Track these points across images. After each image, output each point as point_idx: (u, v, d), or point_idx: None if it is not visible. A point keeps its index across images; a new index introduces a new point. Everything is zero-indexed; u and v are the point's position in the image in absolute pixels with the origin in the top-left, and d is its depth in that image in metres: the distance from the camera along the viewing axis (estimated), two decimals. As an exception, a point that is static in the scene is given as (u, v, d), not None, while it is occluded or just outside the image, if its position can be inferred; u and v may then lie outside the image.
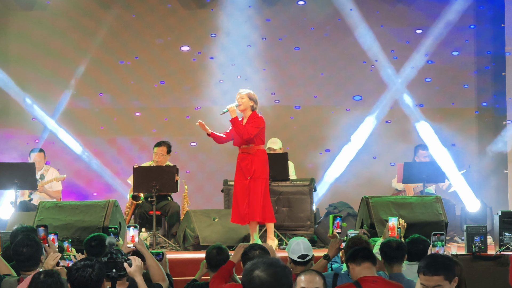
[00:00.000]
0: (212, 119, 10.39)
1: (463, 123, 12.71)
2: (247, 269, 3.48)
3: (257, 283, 3.43)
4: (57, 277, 5.00)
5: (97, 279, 4.71)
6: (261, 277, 3.45)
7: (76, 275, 4.69)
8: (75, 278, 4.69)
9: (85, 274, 4.69)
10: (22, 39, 12.64)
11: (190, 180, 11.61)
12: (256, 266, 3.48)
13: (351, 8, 12.45)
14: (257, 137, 9.19)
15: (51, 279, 4.97)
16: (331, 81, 12.89)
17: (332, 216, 6.75)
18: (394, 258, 6.07)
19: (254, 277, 3.44)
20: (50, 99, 12.63)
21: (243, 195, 9.18)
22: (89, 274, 4.68)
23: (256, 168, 9.17)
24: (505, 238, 8.53)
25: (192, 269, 6.91)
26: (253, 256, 5.76)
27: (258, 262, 3.50)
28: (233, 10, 12.51)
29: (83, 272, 4.69)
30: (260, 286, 3.44)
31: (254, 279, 3.44)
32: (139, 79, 12.81)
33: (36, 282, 4.98)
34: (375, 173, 12.65)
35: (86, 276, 4.68)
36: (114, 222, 8.73)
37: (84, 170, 12.64)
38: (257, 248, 5.87)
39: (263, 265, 3.47)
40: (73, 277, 4.70)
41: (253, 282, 3.44)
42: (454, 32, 12.70)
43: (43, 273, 5.03)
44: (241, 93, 9.23)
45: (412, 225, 8.32)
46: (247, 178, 9.20)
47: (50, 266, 5.48)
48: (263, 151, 9.32)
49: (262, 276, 3.45)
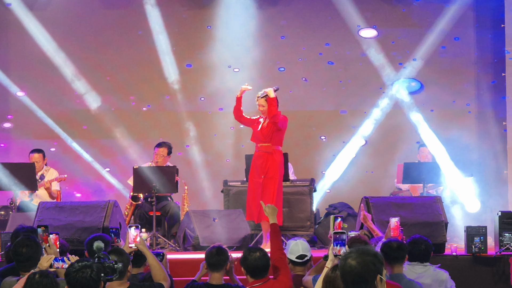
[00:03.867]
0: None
1: (463, 123, 12.71)
2: (342, 258, 3.91)
3: (347, 270, 3.84)
4: (52, 277, 4.99)
5: (97, 279, 4.71)
6: (351, 265, 3.83)
7: (76, 277, 4.69)
8: (76, 280, 4.69)
9: (85, 275, 4.68)
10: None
11: (190, 180, 11.60)
12: (350, 254, 3.89)
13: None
14: (275, 137, 9.27)
15: (46, 279, 4.97)
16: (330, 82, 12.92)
17: (333, 216, 6.72)
18: (395, 258, 6.07)
19: (346, 264, 3.86)
20: (50, 98, 12.66)
21: (256, 193, 9.21)
22: (89, 274, 4.68)
23: (271, 167, 9.25)
24: (505, 239, 8.53)
25: (192, 270, 6.90)
26: (254, 259, 5.77)
27: (352, 250, 3.91)
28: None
29: (83, 273, 4.68)
30: (349, 273, 3.83)
31: (345, 267, 3.86)
32: (141, 79, 12.81)
33: (31, 282, 4.98)
34: (375, 173, 12.67)
35: (87, 277, 4.68)
36: (114, 223, 8.74)
37: (84, 170, 12.63)
38: (256, 251, 5.87)
39: (355, 253, 3.88)
40: (73, 279, 4.69)
41: (344, 269, 3.85)
42: (454, 32, 12.71)
43: (38, 274, 5.03)
44: (262, 98, 9.27)
45: (412, 225, 8.33)
46: (261, 176, 9.24)
47: (43, 268, 5.48)
48: (280, 152, 9.39)
49: (352, 264, 3.83)
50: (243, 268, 5.84)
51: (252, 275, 5.81)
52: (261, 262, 5.79)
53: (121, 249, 5.73)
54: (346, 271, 3.84)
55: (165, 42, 12.47)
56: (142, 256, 6.03)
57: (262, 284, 5.78)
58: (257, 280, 5.80)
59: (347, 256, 3.87)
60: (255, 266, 5.78)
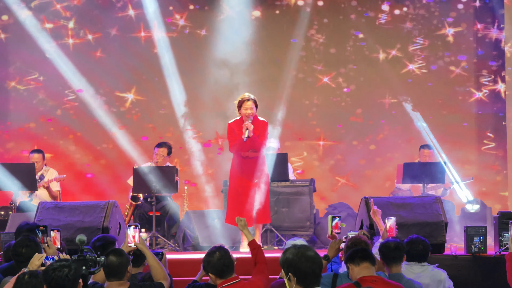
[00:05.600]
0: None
1: (463, 123, 12.72)
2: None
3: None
4: (41, 278, 5.00)
5: (74, 279, 4.70)
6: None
7: (52, 275, 4.69)
8: (52, 279, 4.69)
9: (61, 274, 4.68)
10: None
11: (190, 180, 11.60)
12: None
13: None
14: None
15: (35, 280, 4.97)
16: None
17: (331, 216, 6.74)
18: (392, 258, 6.08)
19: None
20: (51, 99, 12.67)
21: (248, 196, 9.20)
22: (65, 274, 4.68)
23: (262, 171, 9.28)
24: (505, 239, 8.53)
25: (192, 270, 6.91)
26: (217, 259, 5.79)
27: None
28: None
29: (60, 272, 4.68)
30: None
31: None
32: (142, 79, 12.82)
33: (20, 282, 4.98)
34: (375, 173, 12.67)
35: (63, 276, 4.68)
36: (113, 223, 8.74)
37: (84, 170, 12.63)
38: (215, 251, 5.89)
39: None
40: (49, 278, 4.69)
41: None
42: (454, 32, 12.72)
43: (27, 274, 5.03)
44: (250, 101, 9.25)
45: (412, 225, 8.32)
46: (253, 181, 9.24)
47: (35, 266, 5.48)
48: (263, 154, 9.43)
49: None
50: (209, 274, 5.83)
51: (220, 275, 5.80)
52: (225, 260, 5.79)
53: (120, 250, 5.73)
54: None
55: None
56: (141, 255, 6.03)
57: (232, 284, 5.78)
58: (225, 280, 5.79)
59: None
60: (221, 265, 5.77)
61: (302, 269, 4.35)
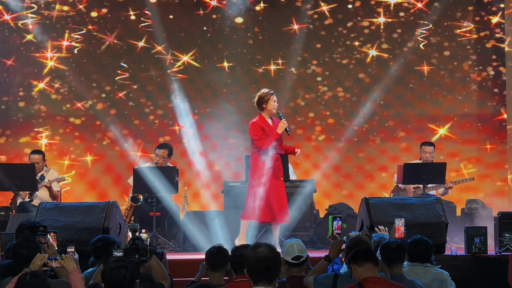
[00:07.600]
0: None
1: (463, 123, 12.72)
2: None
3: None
4: (43, 278, 5.00)
5: (131, 279, 4.75)
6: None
7: (110, 276, 4.73)
8: (110, 279, 4.73)
9: (119, 275, 4.73)
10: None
11: (190, 181, 11.60)
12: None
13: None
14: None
15: (37, 280, 4.98)
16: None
17: (331, 217, 6.73)
18: (394, 259, 6.07)
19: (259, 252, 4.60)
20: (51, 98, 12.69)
21: (275, 195, 9.15)
22: (123, 274, 4.73)
23: (282, 169, 9.27)
24: (505, 239, 8.53)
25: (192, 270, 6.90)
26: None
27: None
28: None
29: (118, 273, 4.73)
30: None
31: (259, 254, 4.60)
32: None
33: (22, 283, 4.98)
34: (376, 174, 12.67)
35: (121, 277, 4.73)
36: (114, 223, 8.74)
37: (84, 170, 12.64)
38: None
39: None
40: (107, 278, 4.74)
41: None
42: (453, 33, 12.74)
43: (29, 274, 5.04)
44: (274, 95, 9.23)
45: (412, 226, 8.31)
46: (279, 178, 9.21)
47: (37, 267, 5.48)
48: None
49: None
50: (247, 272, 4.98)
51: (239, 271, 5.74)
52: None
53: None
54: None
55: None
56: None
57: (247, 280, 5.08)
58: (243, 275, 5.29)
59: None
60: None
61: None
